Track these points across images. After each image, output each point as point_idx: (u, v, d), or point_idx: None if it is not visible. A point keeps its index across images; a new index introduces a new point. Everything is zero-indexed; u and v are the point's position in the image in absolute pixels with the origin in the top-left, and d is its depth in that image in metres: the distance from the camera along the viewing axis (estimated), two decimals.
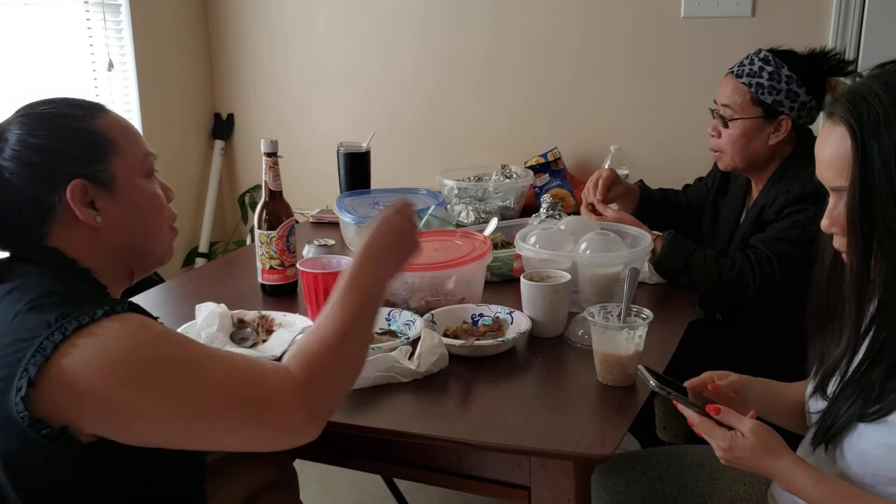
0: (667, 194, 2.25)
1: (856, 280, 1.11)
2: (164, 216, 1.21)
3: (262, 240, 1.82)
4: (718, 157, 1.96)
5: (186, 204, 3.13)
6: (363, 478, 2.54)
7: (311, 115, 3.05)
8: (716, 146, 1.94)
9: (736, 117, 1.87)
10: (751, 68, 1.86)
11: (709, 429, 1.14)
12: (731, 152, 1.90)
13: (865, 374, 1.12)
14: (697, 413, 1.16)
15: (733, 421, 1.13)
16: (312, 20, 2.95)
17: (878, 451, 1.09)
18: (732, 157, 1.91)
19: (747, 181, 2.03)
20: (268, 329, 1.60)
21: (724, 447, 1.13)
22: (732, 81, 1.88)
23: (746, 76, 1.86)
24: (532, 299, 1.58)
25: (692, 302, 1.80)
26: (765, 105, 1.84)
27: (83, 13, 2.65)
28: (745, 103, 1.86)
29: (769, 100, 1.83)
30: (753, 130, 1.86)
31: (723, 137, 1.91)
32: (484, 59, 2.78)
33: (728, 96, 1.88)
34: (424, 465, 1.34)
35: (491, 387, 1.41)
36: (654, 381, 1.19)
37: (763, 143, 1.87)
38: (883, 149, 1.04)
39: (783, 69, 1.83)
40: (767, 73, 1.84)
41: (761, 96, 1.84)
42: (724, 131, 1.90)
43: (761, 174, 1.93)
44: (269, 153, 1.81)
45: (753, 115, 1.86)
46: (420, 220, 2.02)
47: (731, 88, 1.88)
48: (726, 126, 1.89)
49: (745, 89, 1.85)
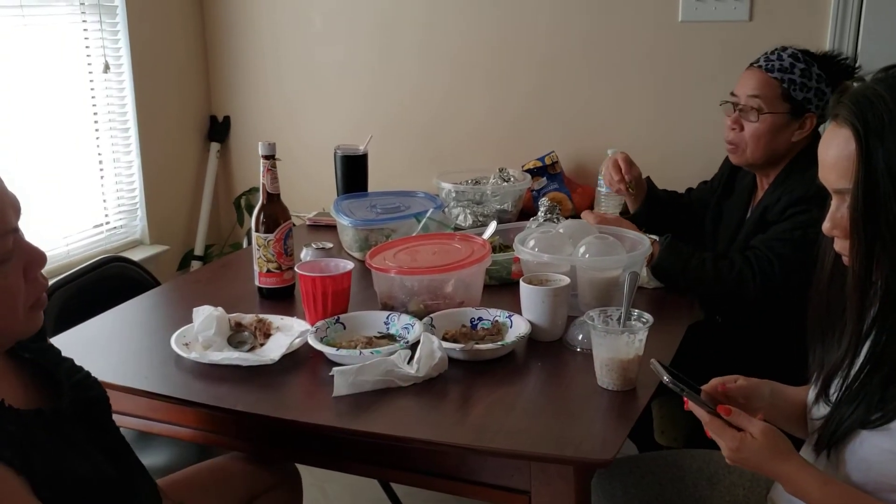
0: (671, 194, 2.26)
1: (857, 283, 1.10)
2: (15, 305, 1.04)
3: (260, 243, 1.81)
4: (734, 150, 1.93)
5: (182, 207, 3.12)
6: (360, 482, 2.53)
7: (308, 118, 3.04)
8: (735, 140, 1.91)
9: (766, 111, 1.85)
10: (781, 64, 1.85)
11: (718, 429, 1.14)
12: (752, 146, 1.88)
13: (867, 379, 1.12)
14: (708, 412, 1.15)
15: (743, 422, 1.13)
16: (308, 22, 2.95)
17: (881, 458, 1.08)
18: (752, 152, 1.89)
19: (752, 182, 2.03)
20: (265, 332, 1.59)
21: (733, 447, 1.12)
22: (760, 75, 1.87)
23: (778, 71, 1.85)
24: (531, 303, 1.57)
25: (691, 305, 1.80)
26: (794, 102, 1.83)
27: (79, 15, 2.64)
28: (776, 98, 1.84)
29: (799, 97, 1.83)
30: (780, 126, 1.85)
31: (746, 130, 1.88)
32: (482, 63, 2.77)
33: (757, 89, 1.86)
34: (423, 470, 1.33)
35: (490, 391, 1.40)
36: (668, 377, 1.18)
37: (786, 139, 1.86)
38: (887, 151, 1.04)
39: (813, 67, 1.84)
40: (799, 70, 1.84)
41: (793, 92, 1.83)
42: (749, 124, 1.87)
43: (770, 172, 1.93)
44: (267, 156, 1.80)
45: (782, 110, 1.85)
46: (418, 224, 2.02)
47: (759, 81, 1.86)
48: (750, 119, 1.87)
49: (777, 84, 1.84)
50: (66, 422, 1.10)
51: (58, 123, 2.61)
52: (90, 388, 1.19)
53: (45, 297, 1.09)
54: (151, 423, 1.49)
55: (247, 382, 1.43)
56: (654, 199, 2.16)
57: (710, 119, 2.51)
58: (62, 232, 2.64)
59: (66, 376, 1.17)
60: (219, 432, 1.46)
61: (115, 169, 2.85)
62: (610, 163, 2.13)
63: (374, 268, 1.69)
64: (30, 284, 1.06)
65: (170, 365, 1.50)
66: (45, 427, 1.05)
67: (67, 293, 1.89)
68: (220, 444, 1.50)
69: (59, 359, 1.20)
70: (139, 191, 2.91)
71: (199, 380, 1.45)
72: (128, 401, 1.44)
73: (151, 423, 1.49)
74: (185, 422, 1.46)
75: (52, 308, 1.83)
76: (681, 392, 1.17)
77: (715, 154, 2.46)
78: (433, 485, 1.35)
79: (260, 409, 1.34)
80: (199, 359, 1.48)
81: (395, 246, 1.82)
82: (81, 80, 2.69)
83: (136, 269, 2.12)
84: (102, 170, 2.80)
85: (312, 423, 1.32)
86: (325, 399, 1.37)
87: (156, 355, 1.55)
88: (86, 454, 1.09)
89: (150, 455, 1.74)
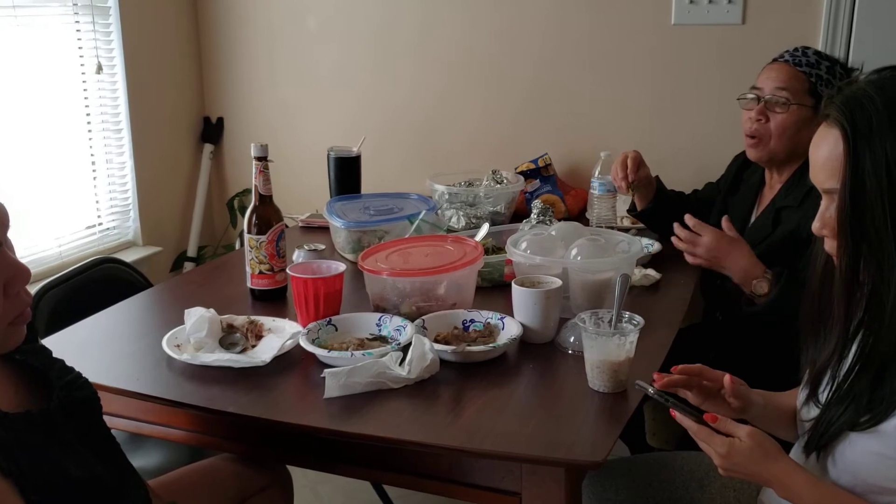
0: (679, 194, 2.27)
1: (844, 282, 1.11)
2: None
3: (252, 244, 1.81)
4: (756, 143, 1.93)
5: (175, 208, 3.12)
6: (352, 484, 2.53)
7: (301, 119, 3.04)
8: (758, 132, 1.92)
9: (794, 102, 1.87)
10: (807, 59, 1.88)
11: (706, 436, 1.14)
12: (777, 138, 1.89)
13: (855, 380, 1.12)
14: (695, 421, 1.15)
15: (730, 428, 1.13)
16: (302, 23, 2.95)
17: (869, 460, 1.09)
18: (776, 143, 1.90)
19: (760, 180, 2.04)
20: (257, 334, 1.59)
21: (723, 453, 1.12)
22: (788, 69, 1.89)
23: (805, 66, 1.87)
24: (523, 305, 1.57)
25: (683, 308, 1.80)
26: (818, 98, 1.85)
27: (72, 16, 2.64)
28: (803, 92, 1.87)
29: (825, 92, 1.84)
30: (805, 120, 1.86)
31: (771, 122, 1.89)
32: (476, 65, 2.78)
33: (786, 81, 1.88)
34: (415, 472, 1.33)
35: (482, 393, 1.40)
36: (653, 390, 1.20)
37: (808, 135, 1.86)
38: (874, 153, 1.05)
39: (837, 66, 1.88)
40: (825, 67, 1.87)
41: (819, 88, 1.86)
42: (776, 116, 1.89)
43: (784, 170, 1.95)
44: (260, 157, 1.80)
45: (808, 104, 1.87)
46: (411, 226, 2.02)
47: (787, 74, 1.88)
48: (777, 111, 1.88)
49: (805, 78, 1.87)
50: (57, 423, 1.09)
51: (50, 124, 2.60)
52: (81, 390, 1.19)
53: (28, 311, 1.08)
54: (143, 425, 1.49)
55: (238, 384, 1.42)
56: (663, 198, 2.17)
57: (703, 122, 2.54)
58: (54, 233, 2.63)
59: (57, 377, 1.16)
60: (210, 434, 1.46)
61: (107, 170, 2.84)
62: (619, 159, 2.14)
63: (367, 270, 1.69)
64: (10, 300, 1.04)
65: (161, 366, 1.50)
66: (34, 429, 1.05)
67: (59, 294, 1.89)
68: (211, 445, 1.50)
69: (51, 360, 1.19)
70: (132, 192, 2.91)
71: (190, 381, 1.45)
72: (119, 402, 1.43)
73: (143, 424, 1.49)
74: (177, 423, 1.46)
75: (44, 309, 1.83)
76: (667, 403, 1.18)
77: (708, 157, 2.49)
78: (425, 486, 1.35)
79: (251, 411, 1.34)
80: (191, 360, 1.48)
81: (387, 248, 1.82)
82: (74, 81, 2.68)
83: (129, 270, 2.12)
84: (95, 171, 2.80)
85: (304, 425, 1.32)
86: (316, 401, 1.37)
87: (147, 357, 1.54)
88: (76, 456, 1.09)
89: (141, 456, 1.74)
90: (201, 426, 1.45)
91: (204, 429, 1.45)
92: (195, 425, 1.45)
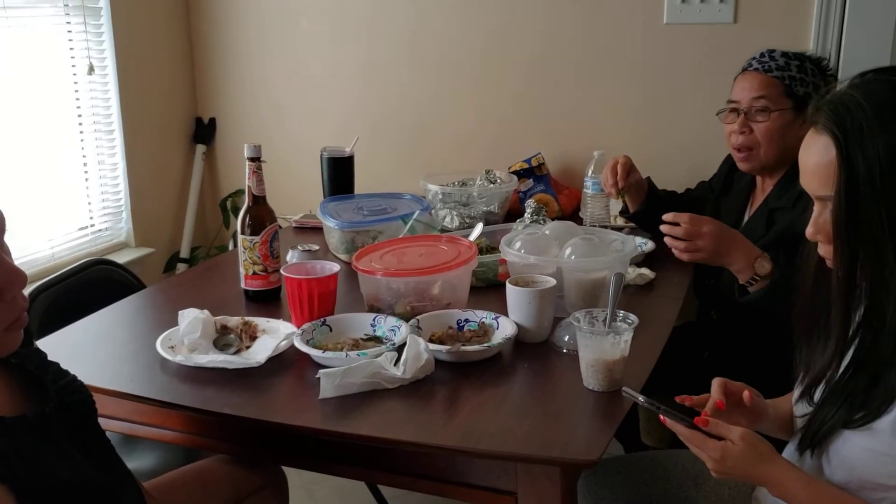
0: (671, 193, 2.27)
1: (842, 288, 1.11)
2: None
3: (245, 245, 1.80)
4: (747, 156, 1.94)
5: (168, 209, 3.11)
6: (347, 484, 2.53)
7: (294, 120, 3.03)
8: (746, 143, 1.92)
9: (774, 109, 1.87)
10: (776, 63, 1.88)
11: (699, 441, 1.14)
12: (765, 146, 1.90)
13: (851, 380, 1.12)
14: (686, 427, 1.15)
15: (722, 431, 1.13)
16: (295, 23, 2.94)
17: (863, 457, 1.09)
18: (766, 151, 1.91)
19: (751, 181, 2.04)
20: (251, 335, 1.59)
21: (716, 457, 1.12)
22: (760, 76, 1.89)
23: (776, 70, 1.88)
24: (517, 304, 1.58)
25: (677, 307, 1.81)
26: (796, 97, 1.87)
27: (63, 17, 2.63)
28: (780, 96, 1.88)
29: (801, 91, 1.86)
30: (789, 122, 1.88)
31: (757, 131, 1.90)
32: (469, 64, 2.78)
33: (761, 90, 1.88)
34: (410, 472, 1.33)
35: (477, 393, 1.40)
36: (643, 398, 1.19)
37: (795, 135, 1.87)
38: (867, 158, 1.05)
39: (806, 63, 1.89)
40: (795, 66, 1.88)
41: (794, 89, 1.87)
42: (759, 125, 1.89)
43: (774, 173, 1.95)
44: (253, 158, 1.80)
45: (787, 106, 1.88)
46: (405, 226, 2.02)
47: (761, 83, 1.89)
48: (759, 120, 1.89)
49: (778, 83, 1.88)
50: (52, 426, 1.09)
51: (42, 126, 2.59)
52: (76, 392, 1.19)
53: (25, 316, 1.07)
54: (137, 427, 1.49)
55: (233, 385, 1.42)
56: (655, 200, 2.18)
57: (696, 121, 2.54)
58: (47, 235, 2.62)
59: (52, 381, 1.16)
60: (205, 435, 1.45)
61: (99, 171, 2.83)
62: (609, 165, 2.13)
63: (361, 270, 1.69)
64: (7, 305, 1.03)
65: (155, 368, 1.50)
66: (29, 433, 1.04)
67: (52, 296, 1.88)
68: (206, 446, 1.49)
69: (46, 363, 1.19)
70: (124, 193, 2.90)
71: (184, 383, 1.44)
72: (113, 404, 1.43)
73: (137, 426, 1.48)
74: (171, 425, 1.46)
75: (37, 311, 1.82)
76: (657, 410, 1.17)
77: (700, 156, 2.49)
78: (420, 486, 1.35)
79: (246, 412, 1.34)
80: (185, 362, 1.47)
81: (381, 248, 1.82)
82: (66, 82, 2.67)
83: (122, 271, 2.12)
84: (87, 172, 2.79)
85: (299, 426, 1.31)
86: (311, 401, 1.36)
87: (141, 358, 1.54)
88: (71, 458, 1.09)
89: (136, 458, 1.73)
90: (196, 427, 1.45)
91: (198, 430, 1.45)
92: (190, 427, 1.45)
